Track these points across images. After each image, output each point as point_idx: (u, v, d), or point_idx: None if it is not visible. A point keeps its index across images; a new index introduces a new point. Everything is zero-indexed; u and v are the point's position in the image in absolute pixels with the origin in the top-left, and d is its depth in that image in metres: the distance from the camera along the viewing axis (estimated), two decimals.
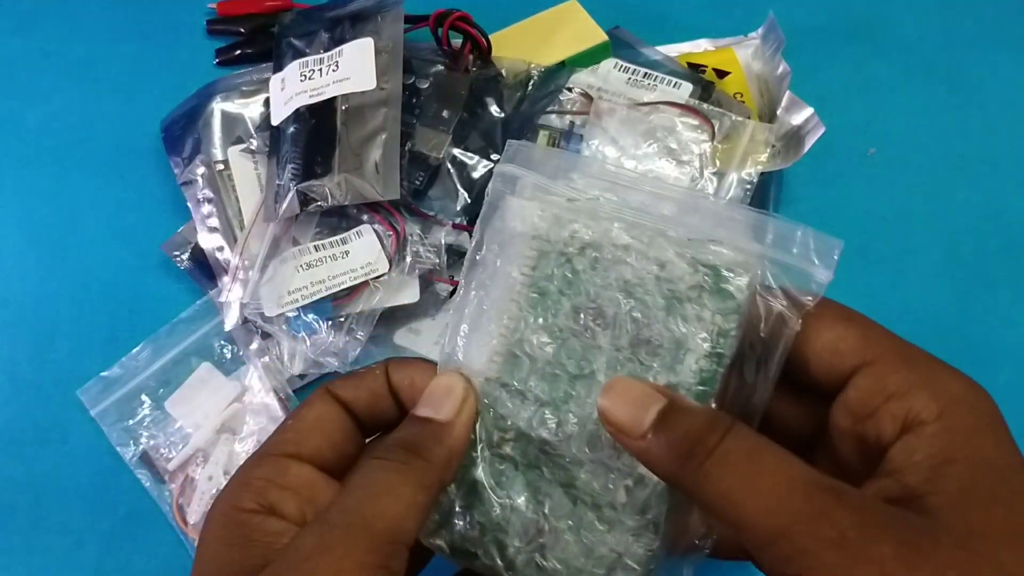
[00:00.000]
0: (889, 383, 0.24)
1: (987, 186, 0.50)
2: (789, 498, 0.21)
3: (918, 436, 0.23)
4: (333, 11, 0.49)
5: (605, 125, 0.45)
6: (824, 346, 0.25)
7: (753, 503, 0.22)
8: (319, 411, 0.29)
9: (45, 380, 0.46)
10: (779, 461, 0.22)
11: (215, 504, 0.27)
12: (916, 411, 0.23)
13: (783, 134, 0.46)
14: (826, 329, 0.25)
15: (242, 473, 0.28)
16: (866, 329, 0.25)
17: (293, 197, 0.43)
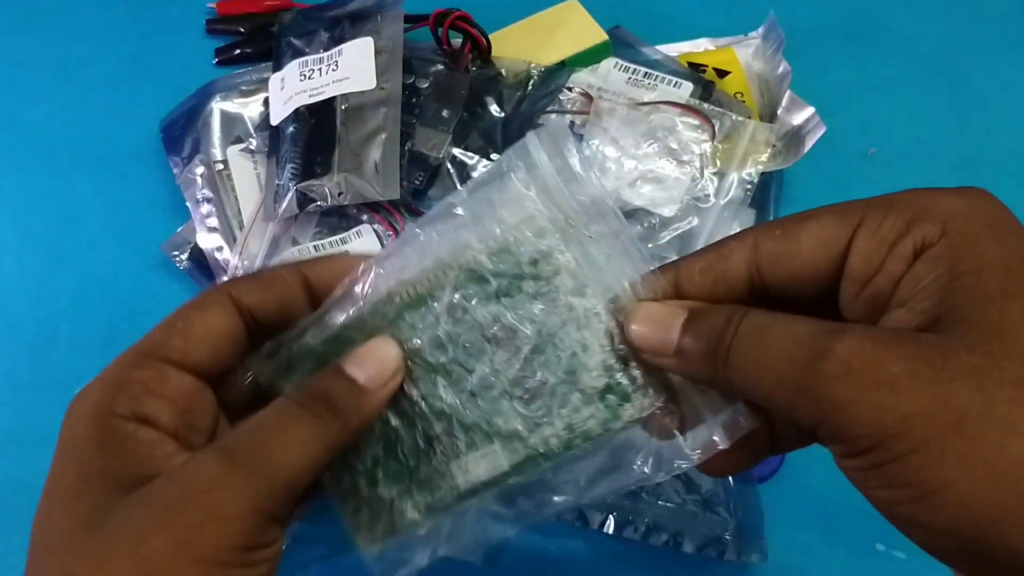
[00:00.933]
0: (885, 231, 0.22)
1: (987, 186, 0.49)
2: (796, 356, 0.21)
3: (923, 261, 0.22)
4: (333, 11, 0.49)
5: (605, 125, 0.45)
6: (810, 244, 0.23)
7: (769, 376, 0.22)
8: (214, 320, 0.27)
9: (44, 380, 0.46)
10: (785, 327, 0.22)
11: (81, 401, 0.25)
12: (920, 241, 0.22)
13: (784, 134, 0.46)
14: (802, 232, 0.24)
15: (118, 373, 0.26)
16: (838, 208, 0.23)
17: (292, 197, 0.43)
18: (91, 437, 0.25)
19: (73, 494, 0.24)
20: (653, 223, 0.44)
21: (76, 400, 0.26)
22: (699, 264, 0.25)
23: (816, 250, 0.23)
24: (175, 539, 0.22)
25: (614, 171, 0.44)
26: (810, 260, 0.23)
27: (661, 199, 0.44)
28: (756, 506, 0.41)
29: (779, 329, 0.22)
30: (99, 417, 0.25)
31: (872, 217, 0.22)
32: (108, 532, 0.23)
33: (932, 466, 0.19)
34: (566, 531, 0.41)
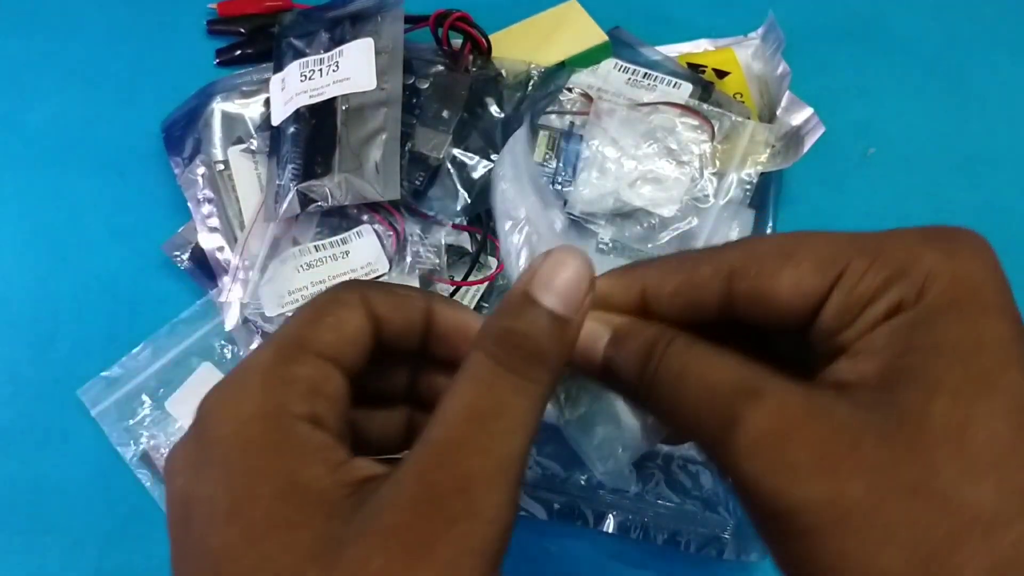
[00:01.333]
0: (864, 291, 0.21)
1: (987, 186, 0.50)
2: (710, 412, 0.21)
3: (888, 325, 0.20)
4: (333, 11, 0.49)
5: (605, 125, 0.45)
6: (786, 289, 0.22)
7: (686, 422, 0.22)
8: (357, 320, 0.24)
9: (46, 380, 0.46)
10: (704, 374, 0.22)
11: (238, 399, 0.22)
12: (895, 302, 0.20)
13: (783, 134, 0.46)
14: (779, 271, 0.22)
15: (280, 368, 0.22)
16: (821, 248, 0.22)
17: (293, 197, 0.43)
18: (270, 444, 0.21)
19: (281, 520, 0.20)
20: (653, 223, 0.44)
21: (226, 398, 0.22)
22: (669, 286, 0.24)
23: (792, 299, 0.22)
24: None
25: (614, 171, 0.44)
26: (785, 307, 0.22)
27: (661, 199, 0.44)
28: None
29: (697, 375, 0.22)
30: (274, 419, 0.21)
31: (854, 270, 0.21)
32: (348, 570, 0.19)
33: (812, 556, 0.19)
34: (566, 530, 0.41)
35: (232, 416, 0.21)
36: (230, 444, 0.21)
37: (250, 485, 0.20)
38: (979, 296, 0.20)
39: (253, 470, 0.21)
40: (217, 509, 0.20)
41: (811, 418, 0.20)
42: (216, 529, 0.20)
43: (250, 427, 0.21)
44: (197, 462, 0.21)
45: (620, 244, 0.45)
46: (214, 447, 0.21)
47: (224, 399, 0.22)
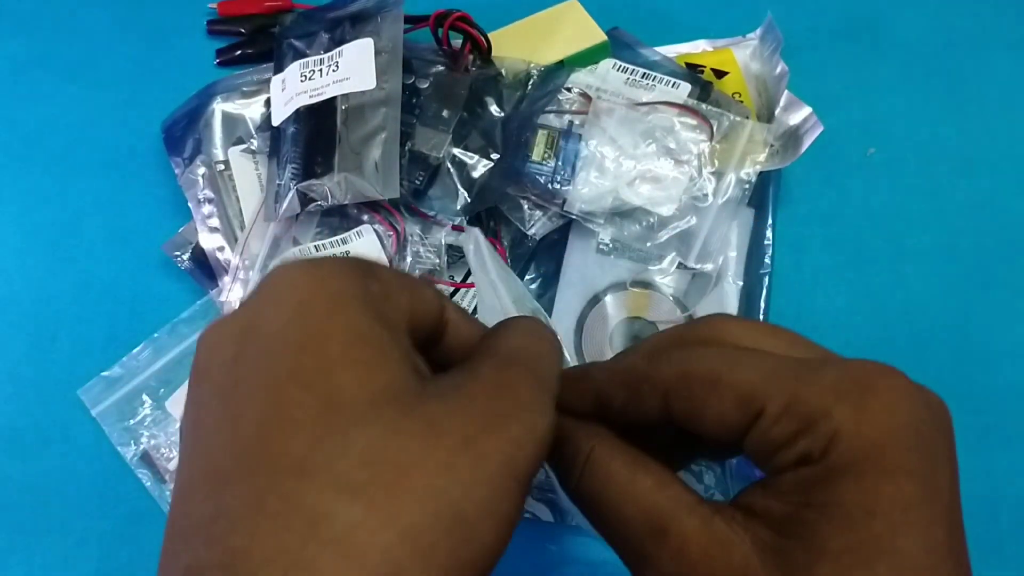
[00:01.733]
0: (776, 436, 0.21)
1: (987, 186, 0.50)
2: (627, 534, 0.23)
3: (795, 477, 0.21)
4: (333, 12, 0.49)
5: (604, 125, 0.45)
6: (713, 417, 0.22)
7: (605, 532, 0.24)
8: (432, 293, 0.24)
9: (46, 380, 0.46)
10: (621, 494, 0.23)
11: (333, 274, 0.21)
12: (802, 454, 0.21)
13: (781, 134, 0.46)
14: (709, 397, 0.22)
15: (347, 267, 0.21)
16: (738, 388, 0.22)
17: (293, 197, 0.43)
18: (366, 312, 0.20)
19: (360, 359, 0.19)
20: (652, 222, 0.44)
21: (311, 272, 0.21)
22: (617, 402, 0.25)
23: (717, 428, 0.23)
24: (502, 450, 0.20)
25: (612, 171, 0.44)
26: (712, 434, 0.23)
27: (659, 198, 0.44)
28: None
29: (616, 494, 0.23)
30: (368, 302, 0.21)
31: (769, 414, 0.21)
32: (426, 417, 0.19)
33: None
34: (566, 530, 0.41)
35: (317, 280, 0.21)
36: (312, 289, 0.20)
37: (327, 324, 0.20)
38: (883, 457, 0.20)
39: (330, 312, 0.20)
40: (288, 340, 0.19)
41: (709, 558, 0.21)
42: (282, 359, 0.19)
43: (348, 289, 0.20)
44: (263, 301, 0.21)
45: (619, 243, 0.45)
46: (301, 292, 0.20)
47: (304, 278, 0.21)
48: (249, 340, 0.20)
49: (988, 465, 0.44)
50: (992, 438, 0.44)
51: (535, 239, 0.46)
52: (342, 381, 0.19)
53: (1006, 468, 0.44)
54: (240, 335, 0.20)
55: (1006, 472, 0.44)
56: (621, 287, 0.45)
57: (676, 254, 0.44)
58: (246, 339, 0.20)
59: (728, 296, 0.44)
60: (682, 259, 0.44)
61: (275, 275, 0.21)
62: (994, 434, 0.45)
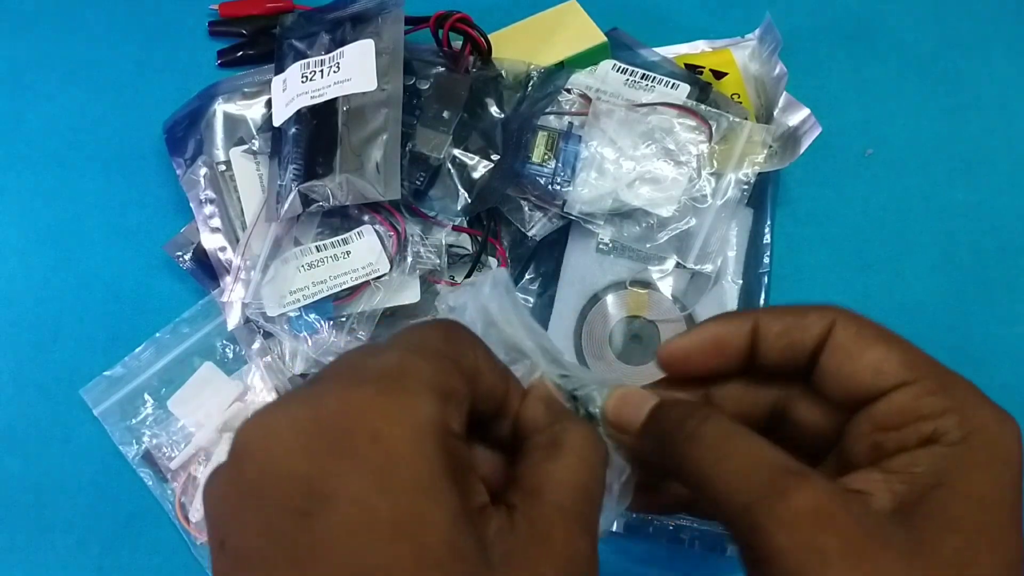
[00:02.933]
0: (923, 405, 0.24)
1: (984, 187, 0.51)
2: (753, 480, 0.22)
3: (929, 453, 0.23)
4: (334, 13, 0.49)
5: (603, 126, 0.45)
6: (868, 364, 0.25)
7: (720, 484, 0.23)
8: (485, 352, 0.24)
9: (48, 379, 0.47)
10: (750, 445, 0.24)
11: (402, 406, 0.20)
12: (940, 432, 0.23)
13: (780, 135, 0.46)
14: (869, 348, 0.25)
15: (442, 376, 0.21)
16: (907, 352, 0.25)
17: (295, 197, 0.43)
18: (445, 464, 0.20)
19: (456, 549, 0.19)
20: (651, 223, 0.44)
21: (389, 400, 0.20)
22: (777, 326, 0.26)
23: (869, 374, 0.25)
24: None
25: (612, 172, 0.45)
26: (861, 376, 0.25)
27: (659, 200, 0.44)
28: None
29: (743, 444, 0.24)
30: (443, 435, 0.20)
31: (921, 386, 0.24)
32: None
33: None
34: None
35: (402, 421, 0.20)
36: (400, 454, 0.19)
37: (425, 506, 0.19)
38: (1010, 463, 0.23)
39: (429, 490, 0.19)
40: (376, 519, 0.19)
41: (847, 512, 0.22)
42: (374, 544, 0.18)
43: (425, 441, 0.20)
44: (335, 452, 0.19)
45: (619, 244, 0.45)
46: (373, 446, 0.19)
47: (387, 401, 0.20)
48: (324, 511, 0.19)
49: None
50: None
51: (535, 239, 0.46)
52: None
53: None
54: (307, 498, 0.19)
55: None
56: (621, 286, 0.45)
57: (676, 255, 0.45)
58: (320, 508, 0.19)
59: (727, 295, 0.45)
60: (681, 260, 0.44)
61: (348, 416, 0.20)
62: None
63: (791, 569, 0.21)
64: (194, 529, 0.43)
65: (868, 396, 0.25)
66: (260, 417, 0.20)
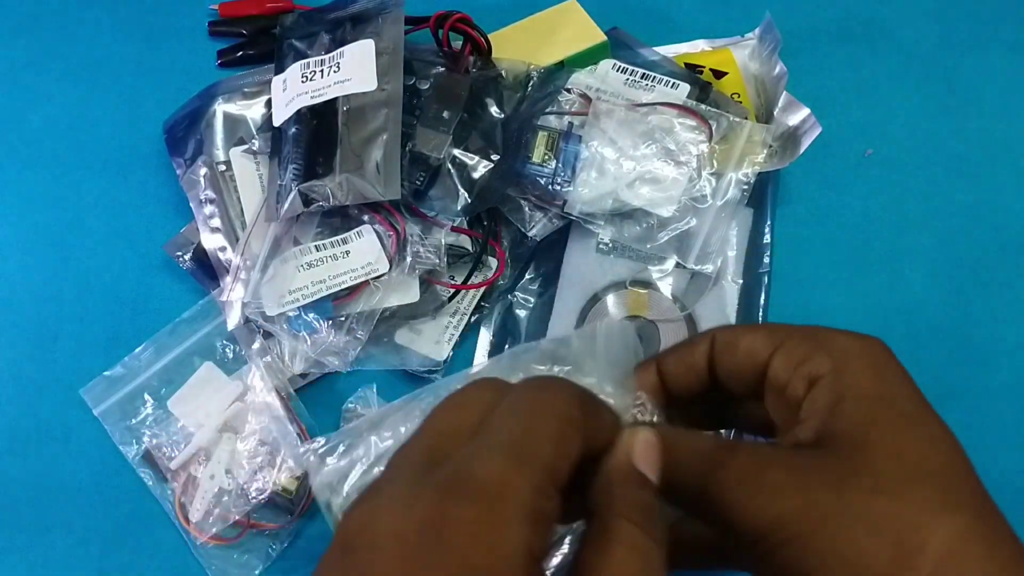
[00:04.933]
0: (795, 355, 0.27)
1: (984, 187, 0.50)
2: (697, 466, 0.26)
3: (819, 387, 0.27)
4: (334, 13, 0.49)
5: (603, 126, 0.45)
6: (743, 350, 0.29)
7: (675, 481, 0.26)
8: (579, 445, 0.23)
9: (48, 379, 0.46)
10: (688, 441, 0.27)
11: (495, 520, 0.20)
12: (816, 369, 0.27)
13: (780, 134, 0.46)
14: (740, 339, 0.29)
15: (536, 498, 0.21)
16: (770, 329, 0.29)
17: (295, 197, 0.43)
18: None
19: None
20: (651, 223, 0.44)
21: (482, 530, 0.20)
22: (672, 357, 0.30)
23: (746, 357, 0.29)
24: None
25: (612, 172, 0.45)
26: (742, 362, 0.29)
27: (659, 200, 0.44)
28: None
29: (684, 443, 0.26)
30: (526, 566, 0.20)
31: (789, 344, 0.28)
32: None
33: (799, 558, 0.24)
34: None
35: (494, 550, 0.20)
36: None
37: None
38: (882, 363, 0.27)
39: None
40: None
41: (780, 455, 0.26)
42: None
43: (513, 567, 0.20)
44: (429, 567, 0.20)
45: (619, 244, 0.45)
46: (464, 571, 0.20)
47: (483, 528, 0.20)
48: None
49: (986, 464, 0.44)
50: (990, 437, 0.45)
51: (535, 240, 0.46)
52: None
53: (1004, 467, 0.44)
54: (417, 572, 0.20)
55: (1004, 471, 0.44)
56: (621, 286, 0.45)
57: (676, 255, 0.45)
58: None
59: (727, 295, 0.45)
60: (681, 260, 0.44)
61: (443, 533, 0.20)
62: (992, 433, 0.45)
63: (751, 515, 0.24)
64: (194, 529, 0.42)
65: (756, 375, 0.28)
66: (364, 510, 0.22)
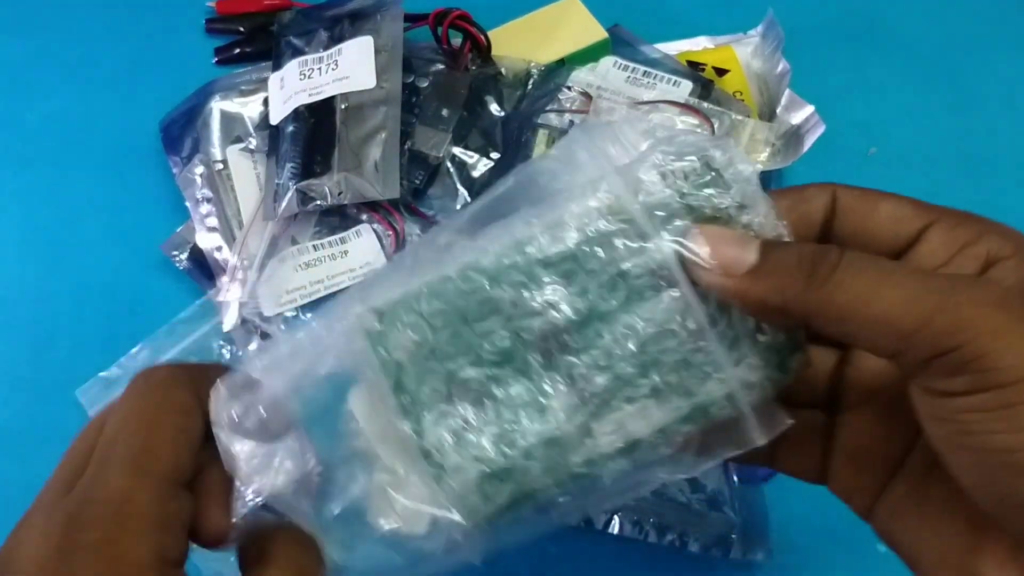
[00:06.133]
0: (959, 234, 0.24)
1: (988, 186, 0.50)
2: (931, 284, 0.21)
3: (1002, 268, 0.23)
4: (332, 10, 0.49)
5: None
6: (887, 214, 0.24)
7: (896, 294, 0.21)
8: (199, 426, 0.24)
9: (44, 380, 0.46)
10: (905, 266, 0.23)
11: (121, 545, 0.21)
12: (994, 252, 0.23)
13: (783, 133, 0.46)
14: (880, 203, 0.25)
15: (159, 505, 0.22)
16: (913, 201, 0.25)
17: (292, 196, 0.43)
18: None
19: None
20: None
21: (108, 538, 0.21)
22: (784, 202, 0.25)
23: (890, 223, 0.24)
24: None
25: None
26: (883, 227, 0.24)
27: None
28: (760, 505, 0.41)
29: (898, 266, 0.22)
30: (163, 572, 0.21)
31: (946, 221, 0.24)
32: None
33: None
34: (568, 531, 0.41)
35: (116, 562, 0.21)
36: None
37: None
38: None
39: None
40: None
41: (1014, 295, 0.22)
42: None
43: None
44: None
45: None
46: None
47: (105, 544, 0.21)
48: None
49: None
50: None
51: None
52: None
53: None
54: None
55: None
56: None
57: None
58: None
59: None
60: None
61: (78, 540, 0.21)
62: None
63: (1019, 349, 0.19)
64: None
65: (897, 247, 0.24)
66: (13, 536, 0.23)
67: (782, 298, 0.23)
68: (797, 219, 0.25)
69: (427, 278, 0.25)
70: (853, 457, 0.26)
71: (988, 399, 0.20)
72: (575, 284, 0.24)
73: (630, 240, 0.24)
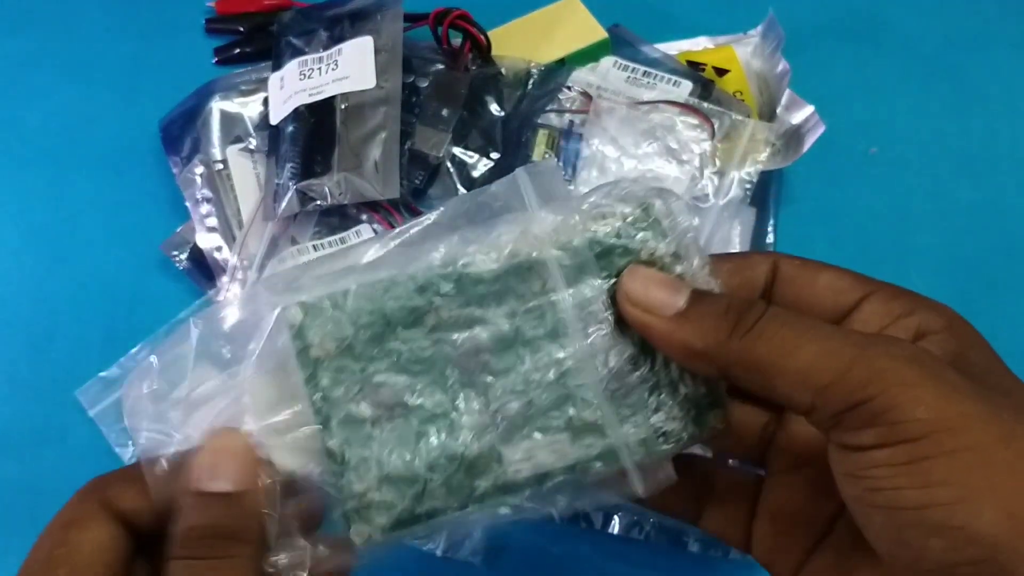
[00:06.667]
0: (894, 307, 0.24)
1: (989, 186, 0.50)
2: (850, 339, 0.21)
3: (931, 341, 0.23)
4: (332, 10, 0.49)
5: (605, 124, 0.45)
6: (826, 285, 0.25)
7: (815, 348, 0.21)
8: (97, 538, 0.24)
9: (44, 380, 0.46)
10: (827, 324, 0.22)
11: None
12: (925, 325, 0.24)
13: (783, 133, 0.46)
14: (819, 274, 0.26)
15: None
16: (852, 273, 0.26)
17: (292, 196, 0.43)
18: None
19: None
20: None
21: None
22: (727, 265, 0.26)
23: (828, 293, 0.25)
24: None
25: (614, 170, 0.44)
26: (821, 297, 0.25)
27: None
28: None
29: (820, 324, 0.22)
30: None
31: (882, 293, 0.25)
32: None
33: (980, 468, 0.19)
34: (569, 531, 0.41)
35: None
36: None
37: None
38: (978, 338, 0.24)
39: None
40: None
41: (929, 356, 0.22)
42: None
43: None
44: None
45: None
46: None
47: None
48: None
49: None
50: None
51: None
52: None
53: None
54: None
55: None
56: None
57: None
58: None
59: None
60: None
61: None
62: None
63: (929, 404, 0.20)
64: None
65: (835, 316, 0.25)
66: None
67: (704, 344, 0.23)
68: (739, 284, 0.26)
69: (359, 278, 0.25)
70: (776, 520, 0.27)
71: (897, 453, 0.20)
72: (504, 306, 0.25)
73: (565, 271, 0.25)
